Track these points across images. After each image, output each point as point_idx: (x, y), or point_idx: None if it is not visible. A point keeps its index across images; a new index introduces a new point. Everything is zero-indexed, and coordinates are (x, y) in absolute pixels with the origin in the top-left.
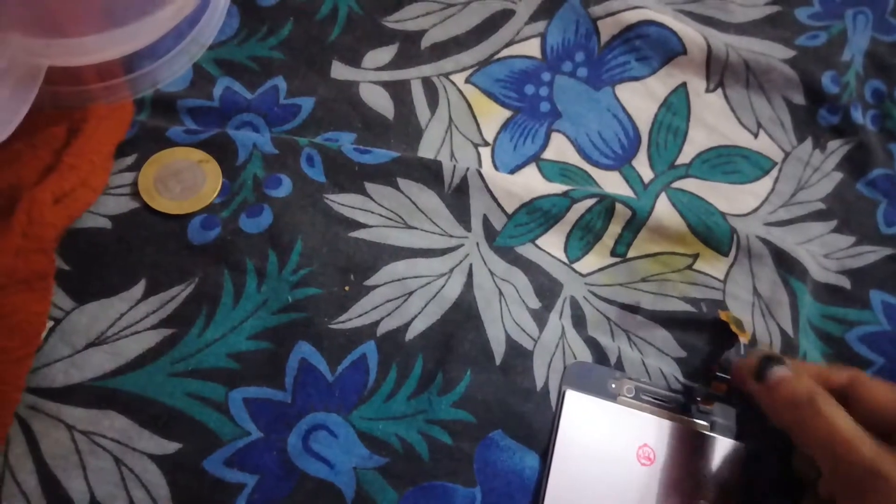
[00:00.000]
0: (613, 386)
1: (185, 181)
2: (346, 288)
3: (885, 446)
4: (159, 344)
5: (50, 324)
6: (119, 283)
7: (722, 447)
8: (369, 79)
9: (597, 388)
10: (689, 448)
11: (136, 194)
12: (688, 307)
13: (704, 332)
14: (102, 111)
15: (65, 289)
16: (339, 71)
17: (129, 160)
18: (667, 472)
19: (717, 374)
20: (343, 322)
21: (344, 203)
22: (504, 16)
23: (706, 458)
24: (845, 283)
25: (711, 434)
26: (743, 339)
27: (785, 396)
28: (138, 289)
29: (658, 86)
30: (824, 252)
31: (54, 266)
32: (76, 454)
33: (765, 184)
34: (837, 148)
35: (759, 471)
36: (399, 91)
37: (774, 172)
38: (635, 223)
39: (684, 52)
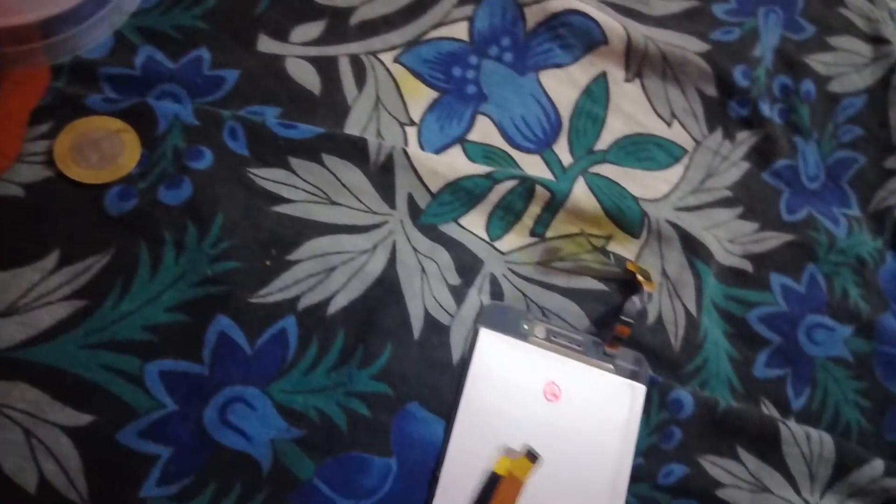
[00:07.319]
0: (526, 327)
1: (102, 150)
2: (267, 262)
3: None
4: (72, 315)
5: None
6: (31, 253)
7: (621, 388)
8: (296, 53)
9: (510, 328)
10: (591, 387)
11: (50, 163)
12: (600, 285)
13: (615, 308)
14: (17, 76)
15: None
16: (266, 44)
17: (45, 127)
18: (570, 408)
19: (622, 317)
20: (263, 296)
21: (267, 177)
22: None
23: (606, 397)
24: (748, 266)
25: (613, 375)
26: (648, 289)
27: None
28: (51, 259)
29: (580, 73)
30: (729, 237)
31: None
32: None
33: (676, 171)
34: (746, 139)
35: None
36: (326, 67)
37: (685, 160)
38: (553, 205)
39: (605, 41)
